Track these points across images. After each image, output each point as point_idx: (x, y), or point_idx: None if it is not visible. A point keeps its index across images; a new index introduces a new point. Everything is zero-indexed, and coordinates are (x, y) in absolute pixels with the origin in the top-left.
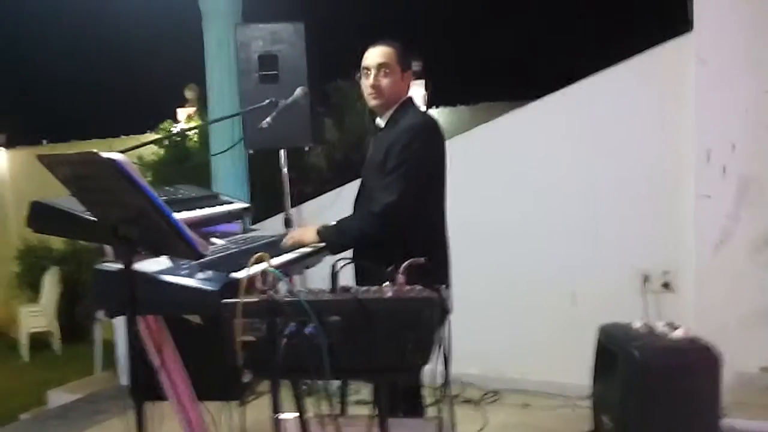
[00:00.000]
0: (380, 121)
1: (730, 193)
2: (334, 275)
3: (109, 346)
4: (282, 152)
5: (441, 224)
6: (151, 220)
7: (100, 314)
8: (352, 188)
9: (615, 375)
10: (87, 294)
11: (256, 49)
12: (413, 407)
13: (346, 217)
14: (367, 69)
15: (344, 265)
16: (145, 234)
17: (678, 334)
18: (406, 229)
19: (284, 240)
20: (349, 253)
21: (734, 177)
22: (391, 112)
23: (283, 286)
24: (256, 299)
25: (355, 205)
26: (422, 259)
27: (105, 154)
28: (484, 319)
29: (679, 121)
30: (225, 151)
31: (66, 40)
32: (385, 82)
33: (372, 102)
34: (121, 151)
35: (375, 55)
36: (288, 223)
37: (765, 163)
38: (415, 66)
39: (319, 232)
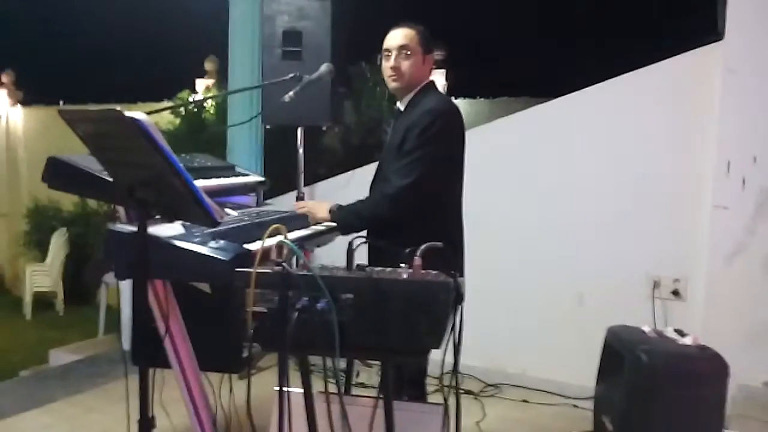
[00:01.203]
0: (400, 105)
1: (748, 205)
2: (350, 253)
3: (112, 311)
4: (300, 130)
5: (458, 212)
6: (169, 183)
7: (107, 277)
8: (365, 171)
9: (620, 377)
10: (95, 256)
11: (281, 24)
12: (417, 394)
13: (360, 200)
14: (388, 51)
15: (360, 243)
16: (161, 197)
17: (687, 341)
18: (421, 214)
19: (295, 205)
20: (365, 233)
21: (754, 190)
22: (411, 95)
23: (297, 260)
24: (269, 270)
25: (371, 188)
26: (440, 244)
27: (128, 113)
28: (488, 311)
29: (701, 130)
30: (244, 122)
31: (91, 2)
32: (405, 64)
33: (392, 84)
34: None
35: (396, 36)
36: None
37: None
38: (438, 55)
39: (331, 211)
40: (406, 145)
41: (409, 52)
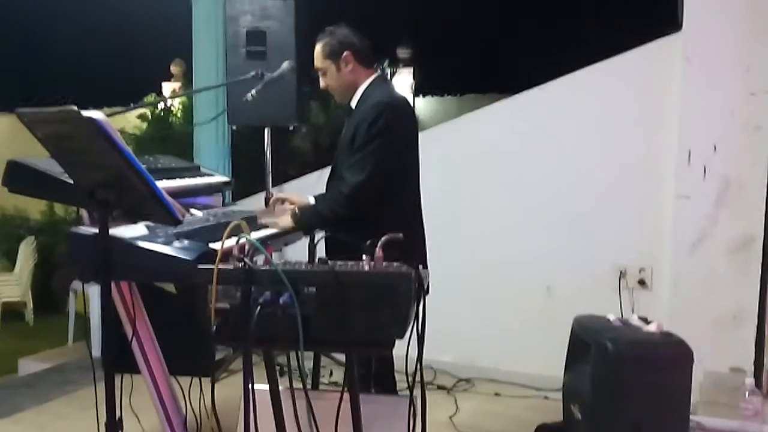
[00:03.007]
0: (352, 103)
1: (710, 194)
2: (312, 247)
3: (82, 319)
4: (266, 131)
5: (415, 204)
6: (129, 183)
7: (76, 285)
8: None
9: (587, 365)
10: (63, 263)
11: (245, 23)
12: (385, 389)
13: (319, 199)
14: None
15: (321, 237)
16: (122, 197)
17: (651, 328)
18: (378, 207)
19: (259, 218)
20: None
21: (715, 178)
22: (359, 94)
23: (260, 256)
24: (231, 266)
25: (327, 185)
26: (400, 235)
27: (86, 113)
28: (458, 307)
29: (662, 120)
30: (209, 121)
31: (51, 7)
32: (329, 82)
33: (336, 98)
34: None
35: (315, 59)
36: (268, 203)
37: (746, 166)
38: (404, 53)
39: (293, 216)
40: (356, 141)
41: (324, 71)
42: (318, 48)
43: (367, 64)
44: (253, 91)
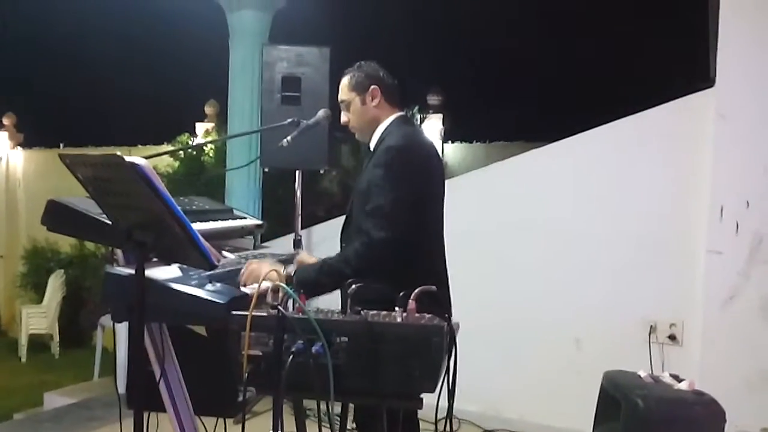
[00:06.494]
0: (371, 143)
1: (743, 250)
2: (345, 296)
3: (108, 354)
4: (298, 173)
5: (440, 247)
6: (167, 226)
7: (104, 320)
8: None
9: (616, 423)
10: (92, 298)
11: (281, 70)
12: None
13: (328, 259)
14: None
15: (357, 287)
16: (159, 240)
17: (683, 386)
18: (406, 261)
19: (240, 276)
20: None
21: (747, 234)
22: (379, 133)
23: (293, 303)
24: (265, 314)
25: (341, 236)
26: (434, 288)
27: (127, 158)
28: (485, 357)
29: (694, 175)
30: (242, 166)
31: (91, 46)
32: (351, 117)
33: (357, 136)
34: None
35: (340, 91)
36: (297, 244)
37: None
38: (434, 100)
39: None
40: (372, 192)
41: (348, 104)
42: (345, 80)
43: (393, 102)
44: (289, 137)
